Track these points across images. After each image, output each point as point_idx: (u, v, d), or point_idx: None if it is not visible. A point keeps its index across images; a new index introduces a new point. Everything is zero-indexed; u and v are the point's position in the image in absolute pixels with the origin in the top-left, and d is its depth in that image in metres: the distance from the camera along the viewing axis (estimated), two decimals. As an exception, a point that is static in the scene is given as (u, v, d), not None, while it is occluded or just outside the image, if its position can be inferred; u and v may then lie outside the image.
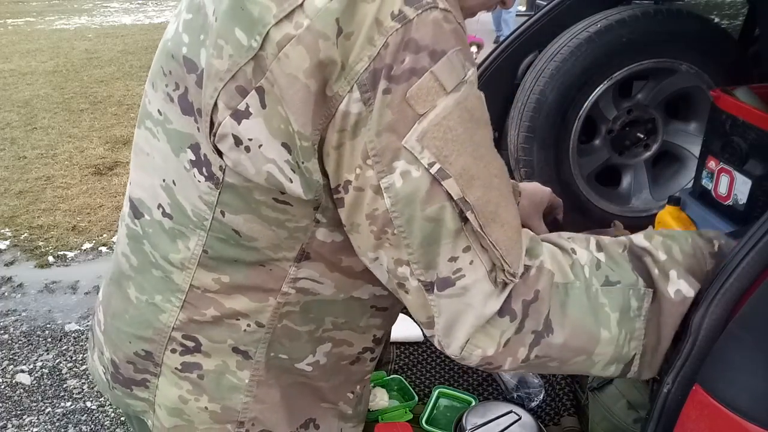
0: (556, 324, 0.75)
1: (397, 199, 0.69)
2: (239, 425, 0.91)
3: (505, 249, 0.71)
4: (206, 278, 0.85)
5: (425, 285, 0.73)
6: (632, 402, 1.13)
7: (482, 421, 1.09)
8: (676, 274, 0.80)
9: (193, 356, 0.89)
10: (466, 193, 0.69)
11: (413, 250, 0.71)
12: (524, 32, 1.96)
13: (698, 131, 1.91)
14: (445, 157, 0.68)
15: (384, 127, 0.67)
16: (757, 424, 0.81)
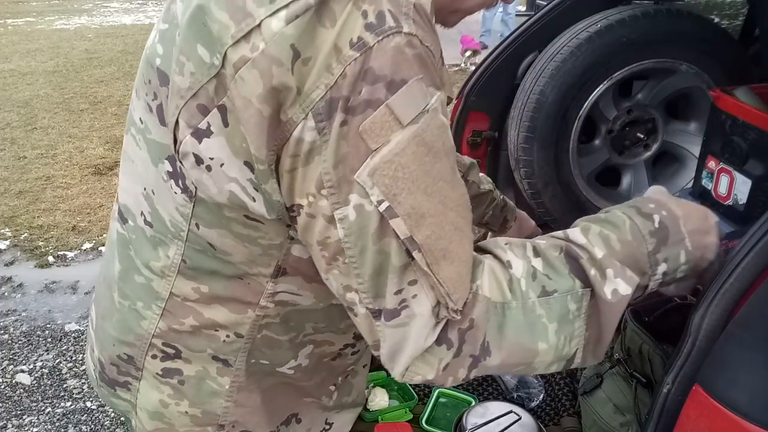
0: (493, 347, 0.75)
1: (350, 231, 0.68)
2: (219, 428, 0.92)
3: (452, 287, 0.71)
4: (186, 287, 0.85)
5: (373, 312, 0.72)
6: (618, 406, 1.13)
7: (482, 421, 1.09)
8: (613, 272, 0.78)
9: (174, 362, 0.90)
10: (414, 233, 0.68)
11: (363, 281, 0.71)
12: (524, 32, 1.96)
13: (698, 131, 1.91)
14: (393, 195, 0.66)
15: (340, 159, 0.66)
16: (757, 424, 0.81)
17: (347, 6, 0.65)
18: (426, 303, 0.71)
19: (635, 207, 0.83)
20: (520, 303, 0.75)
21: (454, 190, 0.71)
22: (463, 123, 2.08)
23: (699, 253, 0.85)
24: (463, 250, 0.72)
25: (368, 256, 0.69)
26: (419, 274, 0.70)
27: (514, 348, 0.75)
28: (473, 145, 2.11)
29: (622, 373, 1.16)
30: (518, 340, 0.75)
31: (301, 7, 0.64)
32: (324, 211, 0.69)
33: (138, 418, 0.95)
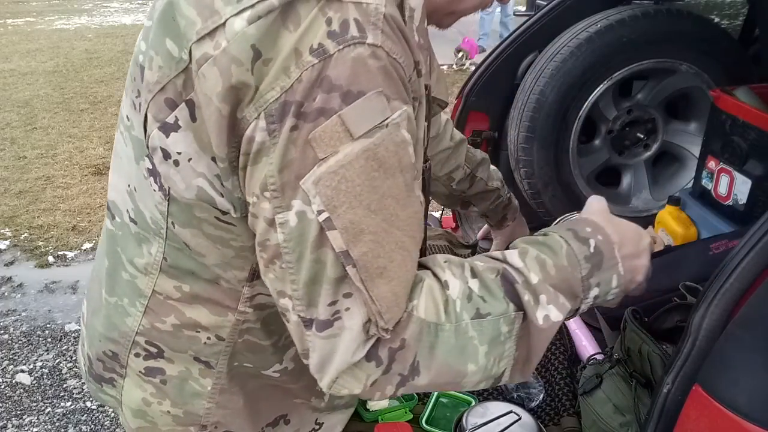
0: (422, 367, 0.74)
1: (290, 237, 0.68)
2: (202, 428, 0.92)
3: (385, 306, 0.69)
4: (168, 285, 0.85)
5: (305, 321, 0.71)
6: (618, 406, 1.13)
7: (482, 421, 1.09)
8: (546, 298, 0.77)
9: (157, 361, 0.90)
10: (350, 248, 0.66)
11: (298, 287, 0.70)
12: (524, 32, 1.96)
13: (698, 131, 1.91)
14: (333, 207, 0.65)
15: (286, 164, 0.65)
16: (757, 424, 0.81)
17: (313, 11, 0.64)
18: (358, 318, 0.69)
19: (572, 230, 0.83)
20: (453, 325, 0.74)
21: (404, 208, 0.70)
22: (463, 123, 2.08)
23: (630, 276, 0.86)
24: (403, 271, 0.71)
25: (305, 264, 0.68)
26: (354, 289, 0.69)
27: (443, 369, 0.74)
28: (473, 145, 2.10)
29: (621, 373, 1.16)
30: (448, 362, 0.74)
31: (265, 8, 0.64)
32: (266, 214, 0.68)
33: (123, 414, 0.96)
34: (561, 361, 1.34)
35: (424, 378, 0.74)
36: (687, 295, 1.20)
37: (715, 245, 1.44)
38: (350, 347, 0.70)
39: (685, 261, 1.45)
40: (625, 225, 0.89)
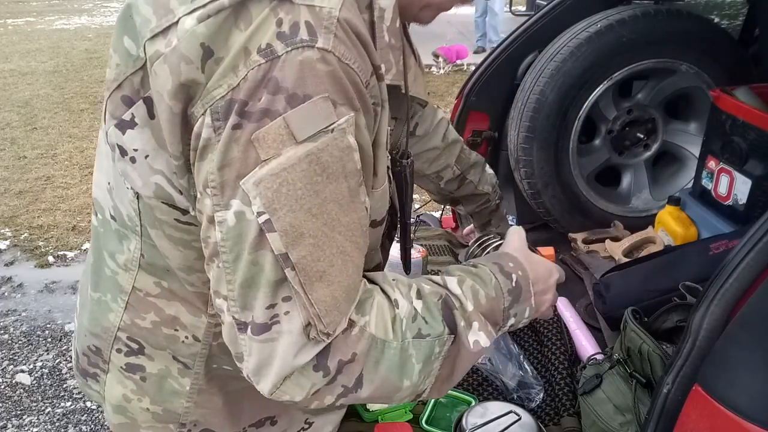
0: (366, 381, 0.75)
1: (228, 236, 0.67)
2: (181, 426, 0.92)
3: (324, 309, 0.69)
4: (147, 281, 0.86)
5: (238, 324, 0.70)
6: (618, 406, 1.13)
7: (482, 421, 1.09)
8: (477, 325, 0.82)
9: (137, 358, 0.90)
10: (290, 251, 0.66)
11: (233, 288, 0.69)
12: (524, 32, 1.96)
13: (698, 131, 1.91)
14: (274, 210, 0.65)
15: (227, 163, 0.65)
16: (757, 424, 0.81)
17: (264, 11, 0.65)
18: (297, 322, 0.69)
19: (498, 264, 0.88)
20: (399, 343, 0.76)
21: (346, 214, 0.70)
22: (463, 123, 2.08)
23: (538, 308, 0.92)
24: (344, 276, 0.71)
25: (241, 265, 0.68)
26: (293, 293, 0.68)
27: (383, 383, 0.76)
28: (473, 145, 2.11)
29: (621, 374, 1.16)
30: (389, 377, 0.76)
31: (215, 8, 0.65)
32: (207, 211, 0.69)
33: (106, 410, 0.97)
34: (561, 361, 1.34)
35: (366, 391, 0.75)
36: (687, 295, 1.20)
37: (715, 245, 1.44)
38: (290, 351, 0.69)
39: (685, 261, 1.45)
40: (538, 262, 0.95)
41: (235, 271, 0.68)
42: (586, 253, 1.82)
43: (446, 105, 5.94)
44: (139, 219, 0.81)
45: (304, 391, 0.72)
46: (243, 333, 0.70)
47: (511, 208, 2.13)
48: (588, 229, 1.90)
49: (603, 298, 1.46)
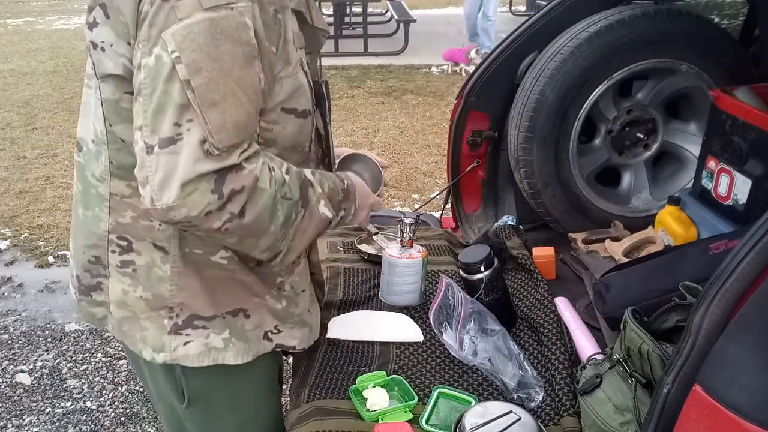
0: (247, 212, 0.98)
1: (148, 74, 0.92)
2: (170, 310, 1.12)
3: (215, 128, 0.92)
4: (120, 185, 1.09)
5: (147, 147, 0.92)
6: (618, 406, 1.13)
7: (482, 421, 1.09)
8: (324, 202, 1.13)
9: (128, 255, 1.11)
10: (192, 78, 0.90)
11: (147, 115, 0.92)
12: (524, 32, 1.96)
13: (698, 131, 1.91)
14: (182, 49, 0.90)
15: (155, 23, 0.92)
16: (757, 424, 0.81)
17: None
18: (195, 136, 0.91)
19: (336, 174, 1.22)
20: (272, 192, 1.01)
21: (240, 69, 0.94)
22: (463, 123, 2.08)
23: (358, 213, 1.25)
24: (234, 112, 0.94)
25: (156, 95, 0.92)
26: (194, 114, 0.91)
27: (258, 220, 1.00)
28: (473, 145, 2.11)
29: (621, 373, 1.16)
30: (263, 216, 1.00)
31: None
32: (137, 60, 0.94)
33: (111, 314, 1.16)
34: (561, 361, 1.34)
35: (246, 220, 0.98)
36: (687, 295, 1.20)
37: (715, 245, 1.44)
38: (190, 159, 0.91)
39: (685, 261, 1.45)
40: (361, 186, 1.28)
41: (150, 101, 0.92)
42: (586, 253, 1.82)
43: (446, 105, 5.94)
44: (104, 125, 1.06)
45: (200, 208, 0.93)
46: (150, 154, 0.92)
47: (511, 208, 2.14)
48: (588, 229, 1.90)
49: (603, 298, 1.46)
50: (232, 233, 0.99)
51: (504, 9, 10.65)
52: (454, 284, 1.44)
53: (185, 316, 1.12)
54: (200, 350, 1.13)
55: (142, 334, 1.13)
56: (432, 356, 1.42)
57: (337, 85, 6.67)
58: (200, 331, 1.13)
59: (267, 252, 1.07)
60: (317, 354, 1.40)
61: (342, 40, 8.17)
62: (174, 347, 1.13)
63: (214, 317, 1.13)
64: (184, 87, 0.91)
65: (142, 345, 1.14)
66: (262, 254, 1.08)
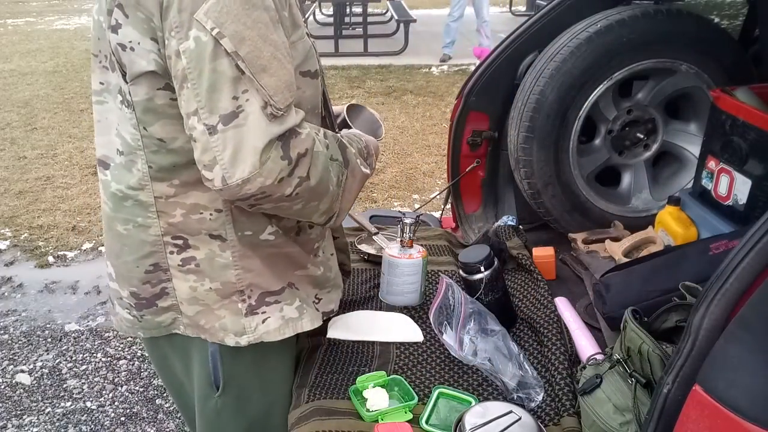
0: (312, 174, 1.02)
1: (191, 57, 0.93)
2: (241, 294, 1.15)
3: (272, 91, 0.95)
4: (162, 187, 1.09)
5: (209, 128, 0.93)
6: (618, 406, 1.13)
7: (482, 421, 1.09)
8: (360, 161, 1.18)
9: (187, 252, 1.13)
10: (238, 48, 0.92)
11: (201, 97, 0.93)
12: (524, 32, 1.96)
13: (698, 131, 1.91)
14: (221, 23, 0.91)
15: (183, 7, 0.92)
16: (757, 424, 0.81)
17: None
18: (256, 103, 0.94)
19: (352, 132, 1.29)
20: (325, 153, 1.06)
21: (272, 33, 0.96)
22: (463, 123, 2.08)
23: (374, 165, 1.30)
24: (281, 73, 0.97)
25: (205, 76, 0.92)
26: (248, 84, 0.93)
27: (321, 181, 1.04)
28: (473, 145, 2.11)
29: (621, 373, 1.16)
30: (324, 176, 1.05)
31: None
32: (173, 48, 0.94)
33: (183, 313, 1.17)
34: (561, 361, 1.34)
35: (312, 182, 1.02)
36: (687, 295, 1.20)
37: (715, 245, 1.44)
38: (258, 126, 0.94)
39: (685, 261, 1.45)
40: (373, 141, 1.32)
41: (200, 83, 0.93)
42: (586, 253, 1.82)
43: (446, 105, 5.95)
44: (139, 131, 1.05)
45: (274, 175, 0.95)
46: (214, 134, 0.93)
47: (511, 208, 2.14)
48: (588, 229, 1.90)
49: (603, 298, 1.46)
50: (301, 197, 1.02)
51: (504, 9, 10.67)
52: (454, 284, 1.44)
53: (256, 296, 1.16)
54: (279, 324, 1.18)
55: (221, 323, 1.16)
56: (432, 356, 1.42)
57: (337, 85, 6.67)
58: (274, 306, 1.18)
59: (324, 215, 1.12)
60: (317, 354, 1.40)
61: (342, 40, 8.18)
62: (254, 327, 1.16)
63: (282, 290, 1.18)
64: (233, 59, 0.92)
65: (223, 333, 1.16)
66: (320, 218, 1.12)
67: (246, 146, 0.93)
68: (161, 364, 1.33)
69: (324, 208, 1.09)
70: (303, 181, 1.00)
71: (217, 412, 1.25)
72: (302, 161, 0.99)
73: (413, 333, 1.49)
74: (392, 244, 1.67)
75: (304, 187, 1.01)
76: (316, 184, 1.03)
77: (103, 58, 1.08)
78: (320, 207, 1.09)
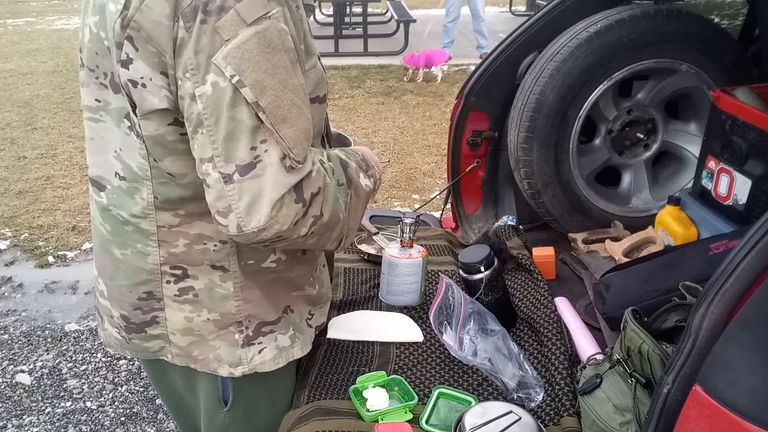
0: (325, 211, 1.00)
1: (208, 104, 0.89)
2: (239, 325, 1.13)
3: (292, 143, 0.92)
4: (166, 217, 1.06)
5: (224, 177, 0.91)
6: (618, 406, 1.13)
7: (482, 421, 1.08)
8: (362, 175, 1.13)
9: (185, 282, 1.10)
10: (259, 99, 0.89)
11: (217, 145, 0.90)
12: (524, 32, 1.96)
13: (698, 131, 1.91)
14: (242, 71, 0.88)
15: (200, 49, 0.88)
16: (757, 424, 0.81)
17: None
18: (275, 155, 0.91)
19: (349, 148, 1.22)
20: (334, 183, 1.03)
21: (292, 78, 0.93)
22: (463, 123, 2.08)
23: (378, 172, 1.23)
24: (300, 121, 0.94)
25: (222, 124, 0.89)
26: (267, 134, 0.91)
27: (333, 213, 1.02)
28: (473, 145, 2.11)
29: (621, 373, 1.16)
30: (335, 207, 1.03)
31: None
32: (188, 91, 0.90)
33: (173, 344, 1.14)
34: (561, 361, 1.34)
35: (325, 217, 1.00)
36: (687, 295, 1.20)
37: (715, 245, 1.44)
38: (277, 178, 0.91)
39: (685, 261, 1.45)
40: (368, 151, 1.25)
41: (217, 131, 0.90)
42: (586, 253, 1.82)
43: (446, 105, 5.95)
44: (148, 162, 1.02)
45: (289, 221, 0.93)
46: (229, 183, 0.91)
47: (511, 208, 2.14)
48: (588, 229, 1.90)
49: (603, 298, 1.46)
50: (316, 234, 1.00)
51: (504, 9, 10.68)
52: (454, 284, 1.44)
53: (254, 326, 1.14)
54: (274, 354, 1.16)
55: (215, 353, 1.14)
56: (432, 356, 1.42)
57: (337, 85, 6.67)
58: (269, 336, 1.16)
59: (336, 241, 1.09)
60: (317, 354, 1.40)
61: (342, 40, 8.18)
62: (250, 358, 1.14)
63: (278, 319, 1.17)
64: (252, 109, 0.89)
65: (216, 364, 1.14)
66: (333, 244, 1.09)
67: (263, 198, 0.91)
68: (158, 378, 1.31)
69: (336, 235, 1.07)
70: (318, 219, 0.98)
71: (225, 426, 1.24)
72: (315, 200, 0.97)
73: (413, 333, 1.49)
74: (392, 244, 1.67)
75: (318, 225, 0.99)
76: (329, 219, 1.01)
77: (101, 75, 1.02)
78: (333, 236, 1.07)
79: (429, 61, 6.82)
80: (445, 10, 7.70)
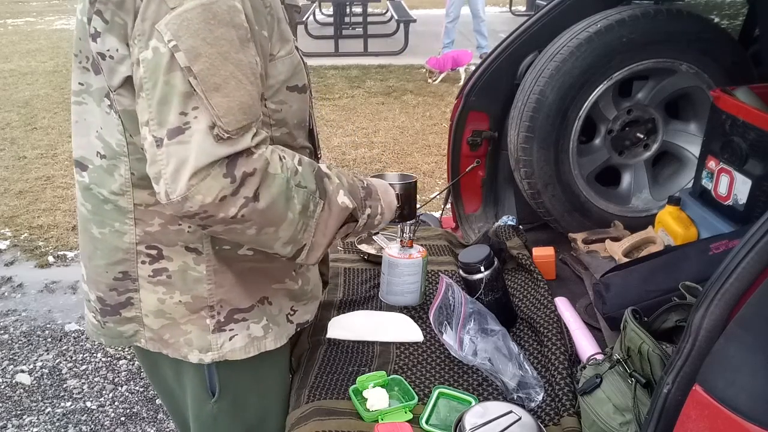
0: (261, 196, 0.96)
1: (148, 67, 0.92)
2: (210, 309, 1.13)
3: (222, 112, 0.92)
4: (143, 195, 1.07)
5: (157, 141, 0.91)
6: (618, 406, 1.13)
7: (482, 421, 1.08)
8: (343, 192, 1.11)
9: (159, 263, 1.11)
10: (192, 64, 0.90)
11: (152, 108, 0.92)
12: (524, 32, 1.96)
13: (698, 131, 1.91)
14: (179, 36, 0.90)
15: (147, 16, 0.91)
16: (757, 424, 0.81)
17: None
18: (203, 122, 0.91)
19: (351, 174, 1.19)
20: (284, 177, 1.00)
21: (238, 52, 0.94)
22: (463, 123, 2.08)
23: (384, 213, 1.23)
24: (238, 94, 0.94)
25: (158, 87, 0.91)
26: (198, 102, 0.91)
27: (273, 205, 0.98)
28: (473, 145, 2.11)
29: (621, 373, 1.16)
30: (278, 201, 0.99)
31: None
32: (135, 56, 0.93)
33: (146, 327, 1.15)
34: (561, 361, 1.34)
35: (262, 204, 0.97)
36: (687, 295, 1.20)
37: (715, 245, 1.44)
38: (203, 146, 0.90)
39: (685, 261, 1.45)
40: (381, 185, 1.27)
41: (153, 95, 0.92)
42: (586, 253, 1.82)
43: (446, 105, 5.95)
44: (125, 137, 1.04)
45: (214, 194, 0.91)
46: (160, 147, 0.91)
47: (511, 208, 2.14)
48: (588, 229, 1.90)
49: (603, 298, 1.46)
50: (249, 220, 0.97)
51: (504, 9, 10.68)
52: (454, 284, 1.44)
53: (226, 312, 1.14)
54: (245, 342, 1.16)
55: (186, 338, 1.14)
56: (432, 356, 1.42)
57: (337, 85, 6.67)
58: (242, 323, 1.16)
59: (289, 245, 1.06)
60: (317, 354, 1.40)
61: (342, 40, 8.18)
62: (220, 344, 1.15)
63: (252, 307, 1.16)
64: (185, 74, 0.90)
65: (187, 349, 1.15)
66: (284, 248, 1.06)
67: (187, 164, 0.90)
68: (152, 370, 1.32)
69: (285, 237, 1.03)
70: (249, 201, 0.95)
71: (213, 417, 1.24)
72: (249, 181, 0.94)
73: (413, 333, 1.48)
74: (392, 244, 1.67)
75: (250, 209, 0.96)
76: (266, 207, 0.97)
77: (83, 59, 1.05)
78: (280, 235, 1.03)
79: (456, 63, 6.85)
80: (445, 11, 7.71)
